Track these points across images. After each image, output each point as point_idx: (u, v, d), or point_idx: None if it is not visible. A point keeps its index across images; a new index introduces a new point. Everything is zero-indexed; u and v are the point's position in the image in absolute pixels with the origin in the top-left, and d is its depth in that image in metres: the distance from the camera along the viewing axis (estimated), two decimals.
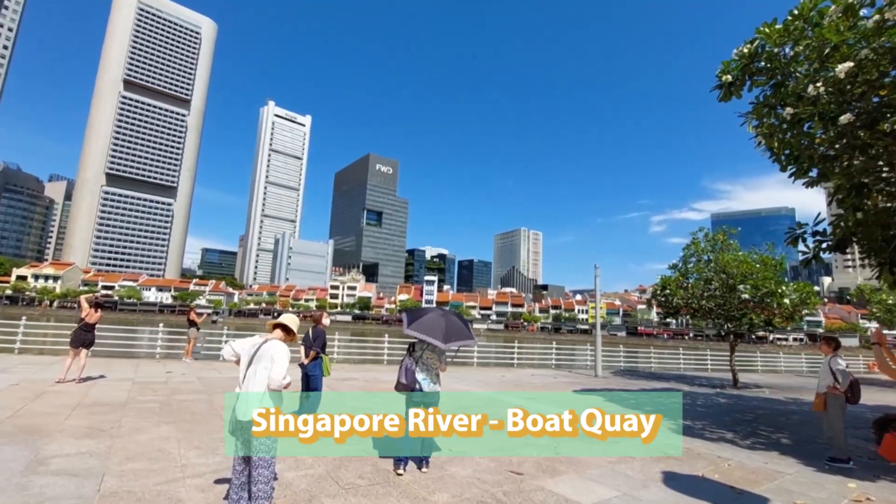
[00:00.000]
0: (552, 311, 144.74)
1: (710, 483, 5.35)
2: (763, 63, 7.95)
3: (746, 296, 14.52)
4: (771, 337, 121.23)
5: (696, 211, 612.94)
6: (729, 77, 8.15)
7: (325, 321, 7.46)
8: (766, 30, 7.47)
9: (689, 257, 17.24)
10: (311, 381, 6.86)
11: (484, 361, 20.27)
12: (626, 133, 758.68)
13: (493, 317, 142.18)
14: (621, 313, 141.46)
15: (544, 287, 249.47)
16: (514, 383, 13.56)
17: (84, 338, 9.49)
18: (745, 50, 7.95)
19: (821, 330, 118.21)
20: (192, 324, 14.47)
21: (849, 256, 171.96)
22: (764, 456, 6.79)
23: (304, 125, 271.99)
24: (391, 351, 18.13)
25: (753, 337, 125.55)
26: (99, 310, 9.95)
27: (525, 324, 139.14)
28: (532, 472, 5.27)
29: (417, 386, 5.05)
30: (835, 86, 6.55)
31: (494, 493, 4.54)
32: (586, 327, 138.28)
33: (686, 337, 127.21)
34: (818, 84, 6.66)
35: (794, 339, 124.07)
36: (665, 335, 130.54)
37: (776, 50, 7.63)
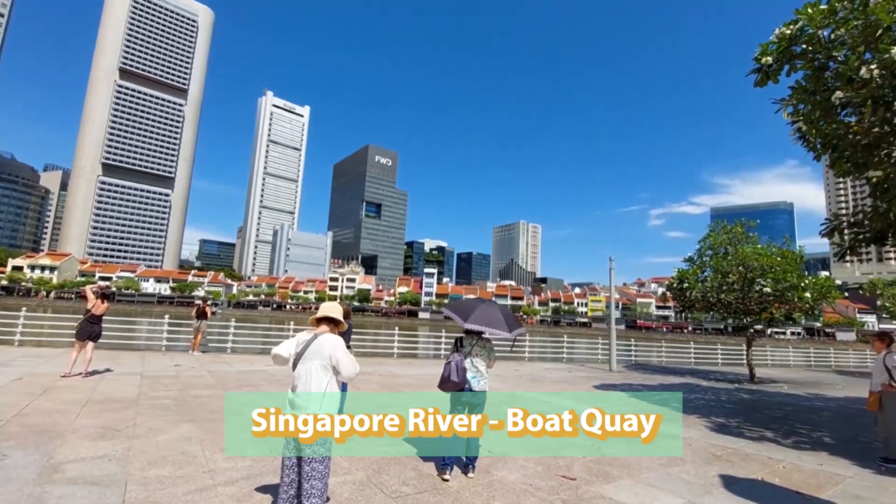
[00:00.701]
0: (551, 304, 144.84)
1: (772, 488, 4.99)
2: (804, 46, 7.52)
3: (768, 290, 14.16)
4: (769, 331, 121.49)
5: (694, 205, 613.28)
6: (769, 59, 7.71)
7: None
8: (809, 10, 7.03)
9: (706, 250, 16.88)
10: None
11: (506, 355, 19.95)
12: (624, 126, 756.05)
13: None
14: (620, 307, 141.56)
15: (543, 280, 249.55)
16: (531, 378, 13.20)
17: (91, 330, 9.06)
18: (787, 31, 7.50)
19: (818, 324, 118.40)
20: (202, 316, 14.03)
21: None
22: (815, 457, 6.43)
23: (302, 116, 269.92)
24: (402, 344, 17.75)
25: (752, 331, 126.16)
26: (106, 301, 9.51)
27: (524, 317, 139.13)
28: (585, 477, 4.89)
29: (467, 385, 4.66)
30: (890, 68, 6.13)
31: (552, 501, 4.15)
32: (585, 320, 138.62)
33: (684, 330, 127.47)
34: (872, 66, 6.25)
35: (792, 334, 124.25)
36: (664, 328, 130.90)
37: (818, 32, 7.21)
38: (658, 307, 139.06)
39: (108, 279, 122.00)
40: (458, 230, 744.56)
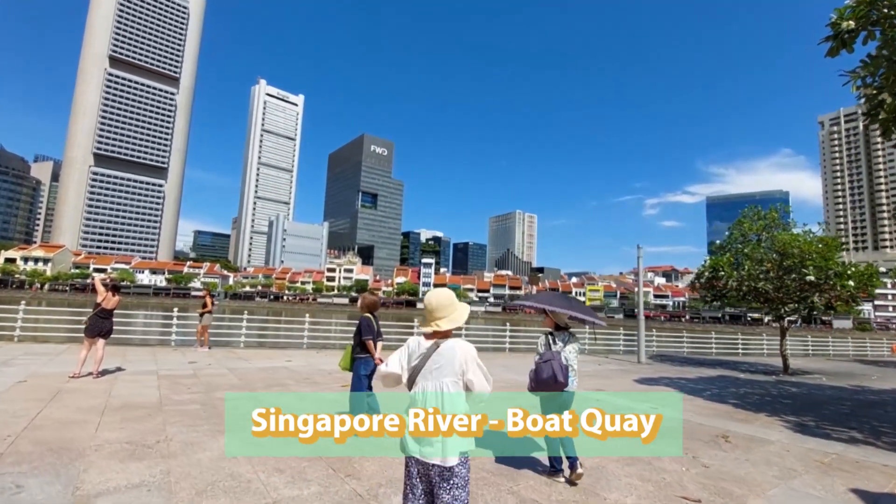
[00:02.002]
0: None
1: None
2: (886, 9, 6.70)
3: (811, 277, 13.46)
4: (766, 319, 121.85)
5: (689, 194, 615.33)
6: (851, 24, 6.86)
7: (358, 303, 6.28)
8: None
9: (738, 237, 16.17)
10: (360, 383, 5.45)
11: (514, 347, 19.17)
12: (620, 116, 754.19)
13: (491, 299, 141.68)
14: (619, 295, 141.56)
15: (540, 270, 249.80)
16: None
17: (101, 326, 8.24)
18: None
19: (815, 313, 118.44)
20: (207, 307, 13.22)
21: (851, 237, 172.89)
22: None
23: (296, 105, 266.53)
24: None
25: (749, 319, 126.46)
26: (117, 293, 8.68)
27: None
28: (708, 498, 4.14)
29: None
30: None
31: None
32: None
33: (682, 319, 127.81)
34: None
35: (789, 322, 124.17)
36: (661, 317, 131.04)
37: None
38: (656, 296, 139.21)
39: (103, 271, 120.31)
40: (455, 220, 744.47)
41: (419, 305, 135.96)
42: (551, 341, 4.43)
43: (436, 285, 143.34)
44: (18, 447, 4.22)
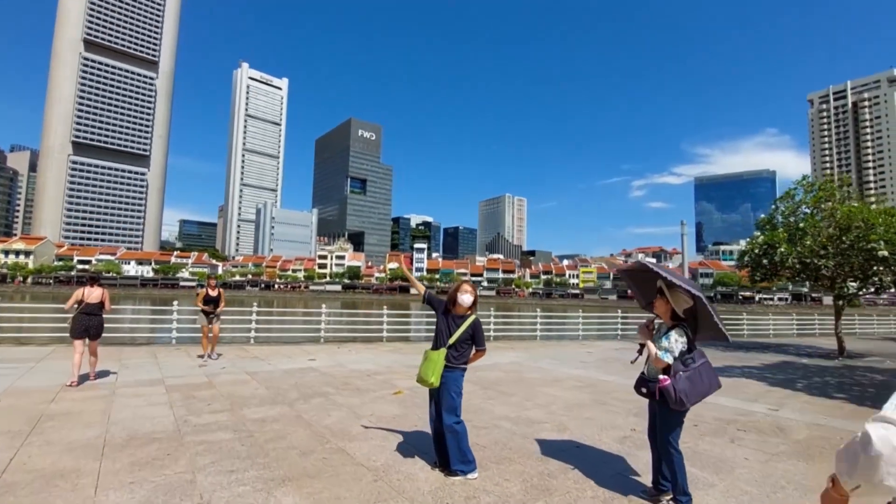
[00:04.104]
0: (543, 277, 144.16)
1: None
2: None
3: (884, 253, 12.19)
4: (757, 297, 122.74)
5: (675, 175, 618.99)
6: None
7: (464, 297, 3.94)
8: None
9: (792, 210, 14.85)
10: (455, 402, 3.83)
11: (531, 334, 17.80)
12: (607, 98, 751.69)
13: (485, 283, 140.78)
14: (611, 277, 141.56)
15: (531, 253, 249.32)
16: (626, 364, 11.07)
17: (88, 324, 6.83)
18: None
19: (805, 289, 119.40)
20: (214, 302, 9.76)
21: None
22: None
23: (280, 89, 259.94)
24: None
25: (741, 297, 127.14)
26: (96, 284, 7.18)
27: (517, 289, 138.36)
28: None
29: None
30: None
31: None
32: (577, 292, 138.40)
33: None
34: None
35: (779, 300, 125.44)
36: None
37: None
38: (754, 277, 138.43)
39: (87, 262, 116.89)
40: (444, 205, 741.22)
41: (413, 291, 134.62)
42: (691, 346, 3.27)
43: (429, 270, 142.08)
44: None
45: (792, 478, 4.10)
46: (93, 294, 7.10)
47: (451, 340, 3.80)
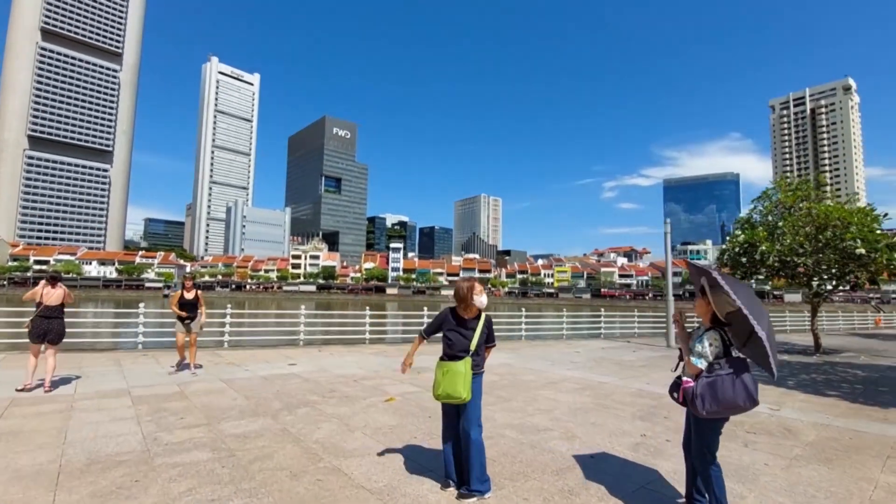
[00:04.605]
0: (518, 276, 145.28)
1: None
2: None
3: (862, 250, 12.42)
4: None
5: (644, 177, 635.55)
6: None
7: (481, 298, 3.52)
8: None
9: (770, 209, 15.06)
10: (478, 412, 3.47)
11: (516, 334, 17.55)
12: (581, 100, 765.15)
13: None
14: (586, 276, 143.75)
15: (507, 252, 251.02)
16: (618, 364, 10.92)
17: (47, 328, 6.25)
18: None
19: (767, 287, 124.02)
20: (192, 307, 8.40)
21: None
22: None
23: (251, 84, 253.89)
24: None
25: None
26: (56, 285, 6.53)
27: (493, 289, 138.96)
28: None
29: None
30: None
31: None
32: (552, 291, 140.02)
33: (646, 297, 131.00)
34: None
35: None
36: (626, 296, 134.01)
37: None
38: (621, 275, 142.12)
39: (45, 263, 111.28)
40: (420, 204, 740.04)
41: (389, 290, 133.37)
42: (728, 341, 2.95)
43: (405, 270, 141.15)
44: None
45: (819, 485, 3.89)
46: (52, 295, 6.45)
47: (474, 346, 3.39)
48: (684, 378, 2.97)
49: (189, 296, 8.29)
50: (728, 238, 16.21)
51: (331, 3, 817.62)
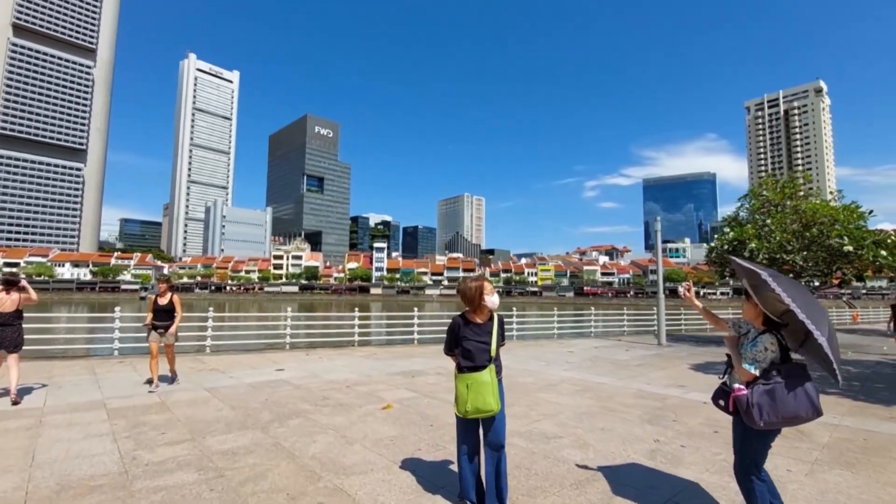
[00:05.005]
0: (503, 275, 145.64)
1: None
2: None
3: (849, 247, 12.54)
4: (702, 292, 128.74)
5: (624, 176, 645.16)
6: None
7: (492, 299, 3.19)
8: None
9: (758, 207, 15.16)
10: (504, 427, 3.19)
11: (507, 333, 17.32)
12: (562, 100, 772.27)
13: (445, 282, 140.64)
14: (569, 274, 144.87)
15: (491, 251, 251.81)
16: (614, 363, 10.75)
17: (2, 336, 5.73)
18: None
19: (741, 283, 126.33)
20: (166, 315, 7.34)
21: None
22: None
23: (231, 82, 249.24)
24: (424, 327, 14.78)
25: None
26: (13, 289, 6.07)
27: None
28: None
29: None
30: None
31: None
32: (536, 289, 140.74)
33: (627, 295, 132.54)
34: None
35: (722, 294, 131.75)
36: (609, 294, 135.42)
37: None
38: (603, 273, 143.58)
39: (16, 265, 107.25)
40: (403, 204, 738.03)
41: (373, 290, 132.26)
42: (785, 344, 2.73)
43: (389, 270, 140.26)
44: None
45: (848, 492, 3.72)
46: (5, 302, 5.93)
47: (493, 352, 3.10)
48: (735, 385, 2.73)
49: (163, 301, 7.26)
50: (716, 236, 16.29)
51: (312, 2, 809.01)
